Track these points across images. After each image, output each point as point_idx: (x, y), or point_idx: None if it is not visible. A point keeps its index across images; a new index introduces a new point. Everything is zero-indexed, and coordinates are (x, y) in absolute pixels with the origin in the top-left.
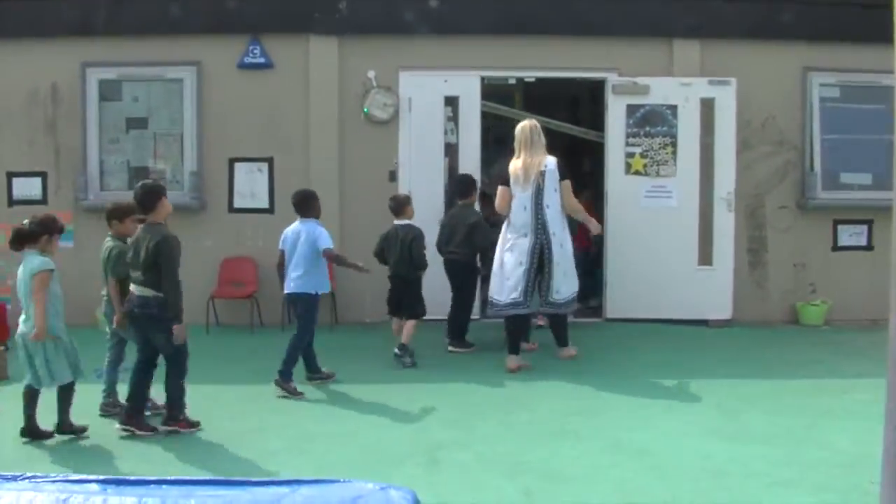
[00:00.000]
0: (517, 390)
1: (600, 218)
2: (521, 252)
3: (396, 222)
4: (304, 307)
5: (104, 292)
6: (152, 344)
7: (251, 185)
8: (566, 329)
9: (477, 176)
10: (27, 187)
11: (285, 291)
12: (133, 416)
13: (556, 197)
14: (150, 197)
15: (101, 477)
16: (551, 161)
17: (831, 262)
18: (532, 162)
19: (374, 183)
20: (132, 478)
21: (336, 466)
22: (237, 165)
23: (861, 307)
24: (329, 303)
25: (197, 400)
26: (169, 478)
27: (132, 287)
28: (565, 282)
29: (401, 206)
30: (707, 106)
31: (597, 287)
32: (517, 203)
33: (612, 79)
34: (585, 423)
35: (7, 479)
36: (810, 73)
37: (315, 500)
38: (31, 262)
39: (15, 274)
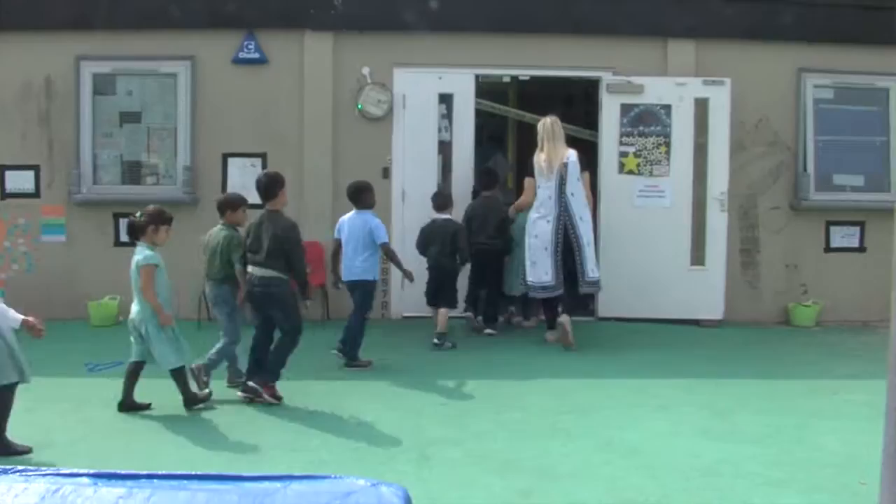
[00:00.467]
0: (509, 388)
1: (593, 217)
2: (546, 237)
3: (437, 216)
4: (362, 293)
5: (211, 274)
6: (270, 320)
7: (244, 181)
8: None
9: (470, 174)
10: (20, 180)
11: (344, 279)
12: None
13: (580, 185)
14: (273, 186)
15: (92, 470)
16: (573, 153)
17: (823, 263)
18: (555, 154)
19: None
20: (122, 471)
21: (327, 462)
22: (230, 160)
23: (853, 308)
24: (321, 299)
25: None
26: (159, 472)
27: (251, 268)
28: (593, 262)
29: (446, 201)
30: (701, 106)
31: None
32: (542, 192)
33: (606, 78)
34: (577, 421)
35: None
36: (804, 75)
37: (306, 495)
38: (139, 254)
39: (5, 267)
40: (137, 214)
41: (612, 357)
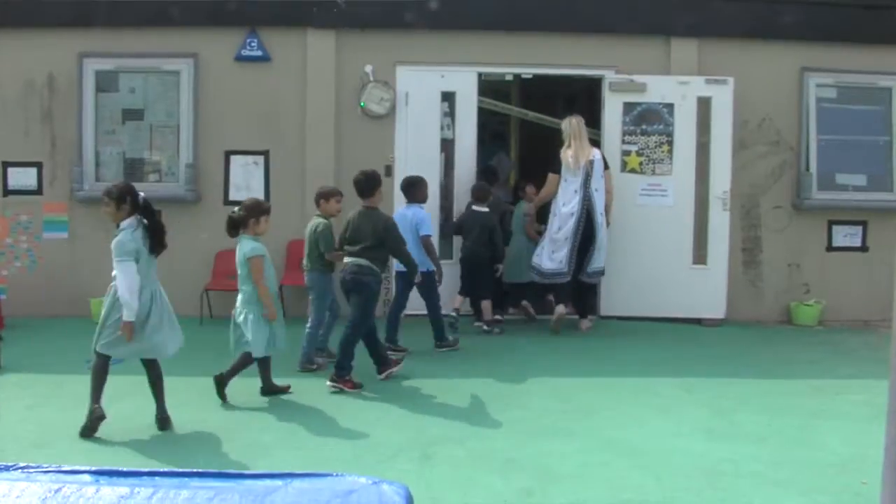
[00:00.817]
0: (510, 387)
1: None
2: (569, 229)
3: (476, 208)
4: (426, 286)
5: (306, 263)
6: (374, 304)
7: (247, 178)
8: (590, 301)
9: (472, 172)
10: (22, 177)
11: (395, 269)
12: (383, 366)
13: (602, 183)
14: (371, 183)
15: (94, 468)
16: (597, 152)
17: (825, 262)
18: (582, 152)
19: None
20: (124, 469)
21: (329, 460)
22: (233, 158)
23: (855, 308)
24: None
25: (190, 392)
26: (161, 469)
27: (347, 259)
28: (601, 255)
29: (486, 193)
30: (704, 105)
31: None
32: (569, 186)
33: (609, 76)
34: (578, 421)
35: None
36: (807, 74)
37: (307, 493)
38: (245, 247)
39: (8, 264)
40: (236, 209)
41: (613, 356)
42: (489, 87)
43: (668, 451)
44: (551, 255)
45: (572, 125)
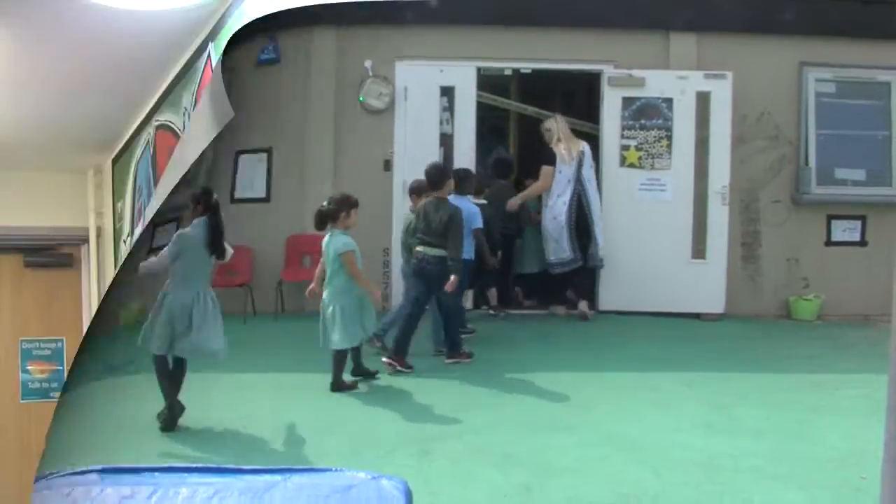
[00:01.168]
0: (509, 382)
1: None
2: (566, 218)
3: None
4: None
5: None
6: (430, 298)
7: (252, 177)
8: (587, 287)
9: (472, 167)
10: None
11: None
12: (398, 354)
13: (593, 174)
14: (441, 175)
15: (97, 466)
16: (586, 145)
17: (824, 257)
18: (573, 144)
19: (369, 172)
20: (124, 465)
21: (327, 456)
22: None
23: (854, 303)
24: None
25: (188, 388)
26: (161, 465)
27: (421, 248)
28: (598, 242)
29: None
30: (703, 99)
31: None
32: (563, 176)
33: (608, 71)
34: (576, 415)
35: None
36: (806, 69)
37: (306, 488)
38: (336, 241)
39: None
40: (325, 203)
41: (612, 351)
42: (488, 82)
43: (667, 445)
44: (557, 246)
45: (558, 123)
